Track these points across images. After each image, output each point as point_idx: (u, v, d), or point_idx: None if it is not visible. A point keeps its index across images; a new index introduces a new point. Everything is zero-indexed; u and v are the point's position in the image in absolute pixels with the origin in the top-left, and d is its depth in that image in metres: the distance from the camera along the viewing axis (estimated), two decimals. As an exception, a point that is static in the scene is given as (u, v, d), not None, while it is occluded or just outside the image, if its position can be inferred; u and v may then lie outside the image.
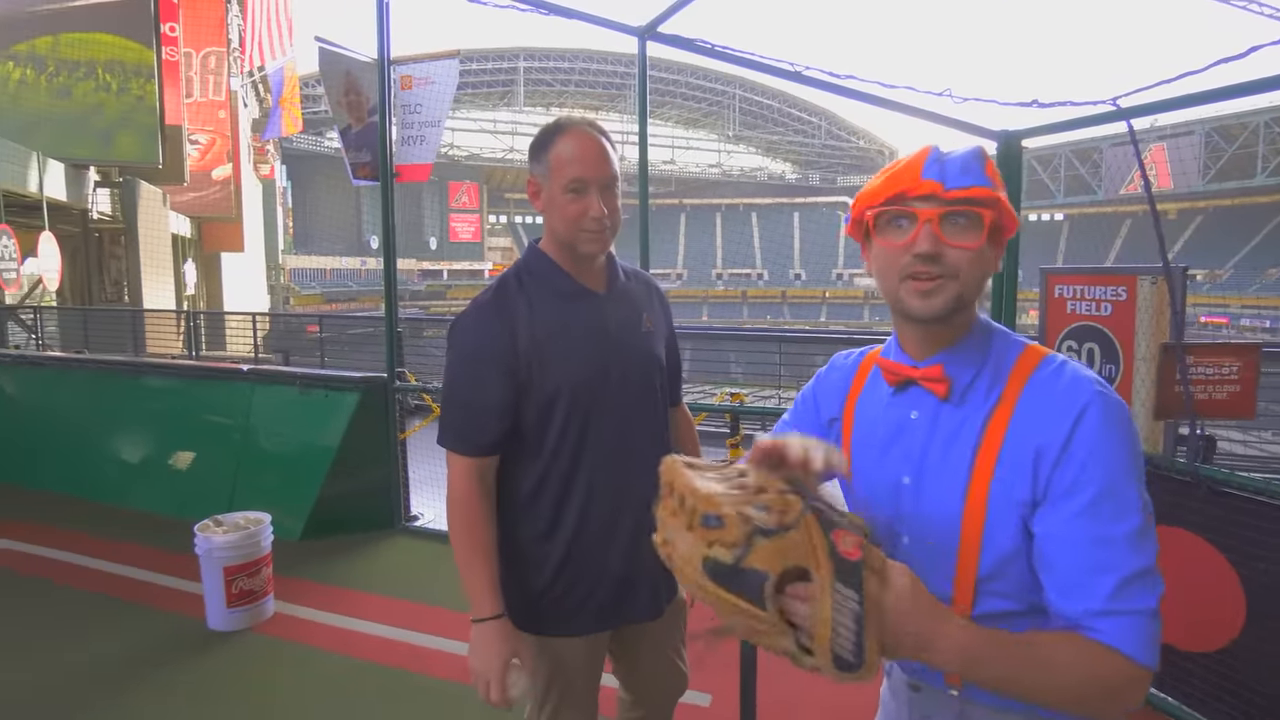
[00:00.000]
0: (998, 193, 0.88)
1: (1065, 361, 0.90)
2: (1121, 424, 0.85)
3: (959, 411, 0.92)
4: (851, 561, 0.68)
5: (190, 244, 21.06)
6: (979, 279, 0.89)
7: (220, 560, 3.09)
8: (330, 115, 6.33)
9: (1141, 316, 2.70)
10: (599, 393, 1.42)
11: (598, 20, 3.29)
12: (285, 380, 4.49)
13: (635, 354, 1.48)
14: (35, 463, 5.07)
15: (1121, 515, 0.82)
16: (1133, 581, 0.81)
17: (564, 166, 1.36)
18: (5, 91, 13.75)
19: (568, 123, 1.41)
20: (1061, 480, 0.84)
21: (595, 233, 1.39)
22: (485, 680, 1.33)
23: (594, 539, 1.44)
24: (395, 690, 2.74)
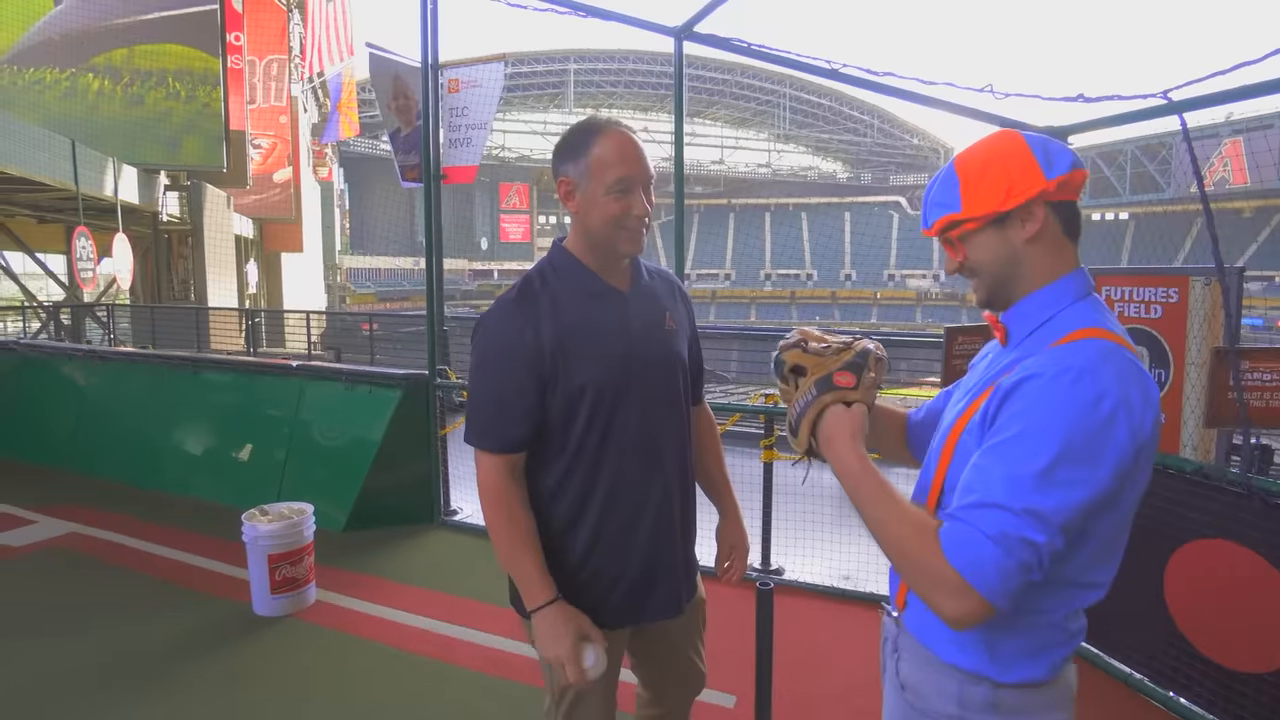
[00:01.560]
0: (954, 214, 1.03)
1: (1097, 345, 0.94)
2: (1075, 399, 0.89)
3: (1004, 356, 1.06)
4: (834, 384, 1.08)
5: (252, 245, 21.85)
6: (994, 267, 1.04)
7: (265, 548, 3.21)
8: (381, 119, 6.51)
9: (1194, 320, 2.59)
10: (622, 390, 1.42)
11: (634, 21, 3.30)
12: (332, 376, 4.63)
13: (658, 352, 1.49)
14: (101, 452, 5.34)
15: (1021, 461, 0.89)
16: (989, 507, 0.90)
17: (607, 167, 1.36)
18: (85, 101, 14.51)
19: (603, 123, 1.42)
20: (1000, 416, 0.95)
21: (635, 231, 1.41)
22: (560, 663, 1.34)
23: (617, 535, 1.45)
24: (428, 679, 2.80)
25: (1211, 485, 2.42)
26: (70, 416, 5.66)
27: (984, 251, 1.04)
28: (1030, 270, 1.03)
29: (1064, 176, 0.98)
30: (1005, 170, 0.99)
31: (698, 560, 1.66)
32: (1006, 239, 1.02)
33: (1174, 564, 2.55)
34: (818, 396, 1.07)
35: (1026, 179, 0.98)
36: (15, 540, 4.13)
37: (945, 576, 0.90)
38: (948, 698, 1.04)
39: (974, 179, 1.01)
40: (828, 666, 2.93)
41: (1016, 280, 1.04)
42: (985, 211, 1.00)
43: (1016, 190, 0.98)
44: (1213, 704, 2.45)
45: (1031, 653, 1.00)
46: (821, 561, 3.68)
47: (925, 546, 0.93)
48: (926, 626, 1.07)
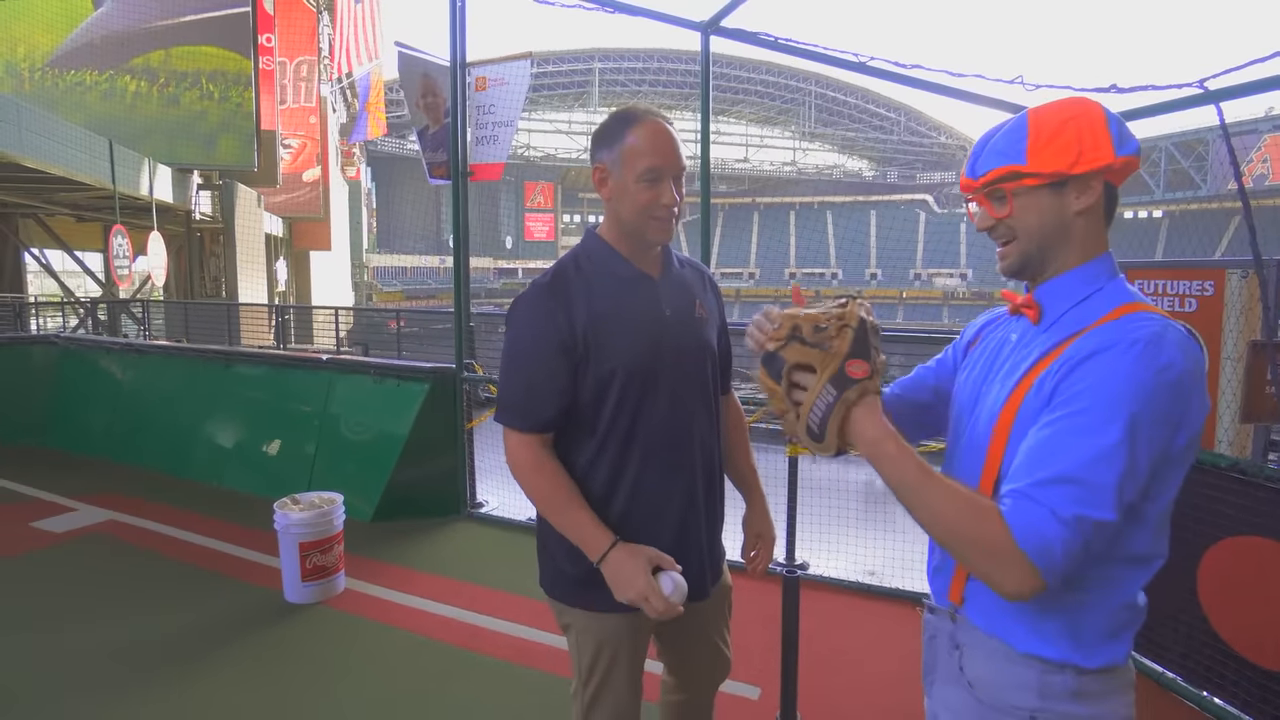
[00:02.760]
0: (1017, 165, 0.99)
1: (1153, 320, 0.92)
2: (1144, 368, 0.88)
3: (1041, 335, 1.03)
4: (850, 378, 0.98)
5: (282, 243, 22.20)
6: (1036, 232, 1.01)
7: (296, 536, 3.27)
8: (409, 118, 6.59)
9: (1230, 313, 2.55)
10: (652, 374, 1.44)
11: (661, 16, 3.32)
12: (361, 370, 4.70)
13: (688, 338, 1.50)
14: (138, 442, 5.47)
15: (1087, 433, 0.88)
16: (1062, 484, 0.87)
17: (638, 156, 1.38)
18: (123, 103, 14.85)
19: (640, 112, 1.43)
20: (1063, 391, 0.92)
21: (665, 220, 1.42)
22: (643, 598, 1.32)
23: (644, 518, 1.47)
24: (454, 666, 2.84)
25: (1247, 481, 2.37)
26: (108, 408, 5.81)
27: (1034, 213, 1.00)
28: (1072, 243, 1.01)
29: (1129, 158, 0.98)
30: (1080, 134, 0.96)
31: (724, 548, 1.67)
32: (1061, 205, 1.00)
33: (1207, 561, 2.50)
34: (841, 396, 0.98)
35: (1098, 149, 0.96)
36: (56, 527, 4.25)
37: (1009, 554, 0.88)
38: (1027, 690, 1.00)
39: (1047, 135, 0.97)
40: (852, 662, 2.92)
41: (1055, 251, 1.02)
42: (1051, 169, 0.97)
43: (1086, 157, 0.96)
44: (1248, 704, 2.40)
45: (1112, 635, 0.99)
46: (846, 557, 3.67)
47: (984, 524, 0.89)
48: (998, 617, 1.02)
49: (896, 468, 0.96)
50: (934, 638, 1.15)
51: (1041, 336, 1.03)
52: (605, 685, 1.52)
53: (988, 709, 1.04)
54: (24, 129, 11.82)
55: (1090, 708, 0.99)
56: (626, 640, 1.52)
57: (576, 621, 1.53)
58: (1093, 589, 0.97)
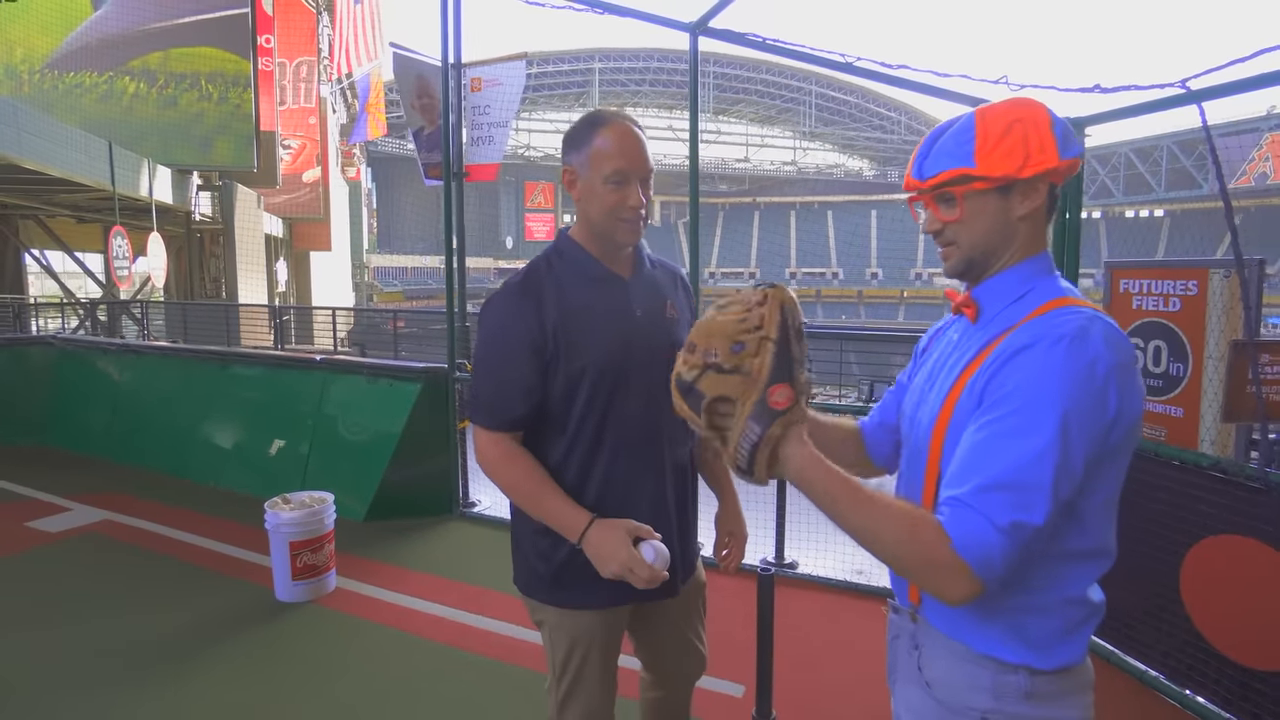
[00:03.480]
0: (967, 168, 0.98)
1: (1080, 313, 0.92)
2: (1071, 364, 0.88)
3: (977, 333, 1.03)
4: (773, 409, 0.92)
5: (282, 243, 22.23)
6: (981, 238, 1.01)
7: (287, 535, 3.29)
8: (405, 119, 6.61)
9: (1213, 312, 2.56)
10: (622, 373, 1.46)
11: (649, 17, 3.33)
12: (354, 370, 4.72)
13: (659, 338, 1.52)
14: (135, 442, 5.49)
15: (1019, 435, 0.87)
16: (997, 490, 0.87)
17: (605, 158, 1.41)
18: (121, 104, 14.88)
19: (608, 115, 1.45)
20: (992, 392, 0.92)
21: (632, 222, 1.44)
22: (626, 570, 1.33)
23: (614, 515, 1.48)
24: (443, 665, 2.86)
25: (1229, 480, 2.38)
26: (106, 408, 5.83)
27: (981, 217, 1.00)
28: (1014, 245, 1.01)
29: (1072, 161, 0.97)
30: (1026, 137, 0.96)
31: (699, 546, 1.69)
32: (1006, 208, 0.99)
33: (1190, 560, 2.51)
34: (765, 435, 0.93)
35: (1044, 152, 0.96)
36: (51, 527, 4.27)
37: (950, 564, 0.88)
38: (981, 690, 1.00)
39: (995, 137, 0.96)
40: (839, 660, 2.93)
41: (999, 253, 1.02)
42: (1000, 173, 0.96)
43: (1034, 160, 0.96)
44: (1229, 702, 2.41)
45: (1066, 634, 0.98)
46: (835, 556, 3.68)
47: (922, 537, 0.89)
48: (955, 619, 1.02)
49: (825, 493, 0.95)
50: (897, 638, 1.15)
51: (976, 335, 1.03)
52: (578, 681, 1.54)
53: (945, 710, 1.04)
54: (23, 131, 11.85)
55: (1044, 709, 0.99)
56: (599, 637, 1.53)
57: (549, 619, 1.55)
58: (1040, 589, 0.97)
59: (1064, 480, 0.88)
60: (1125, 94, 2.50)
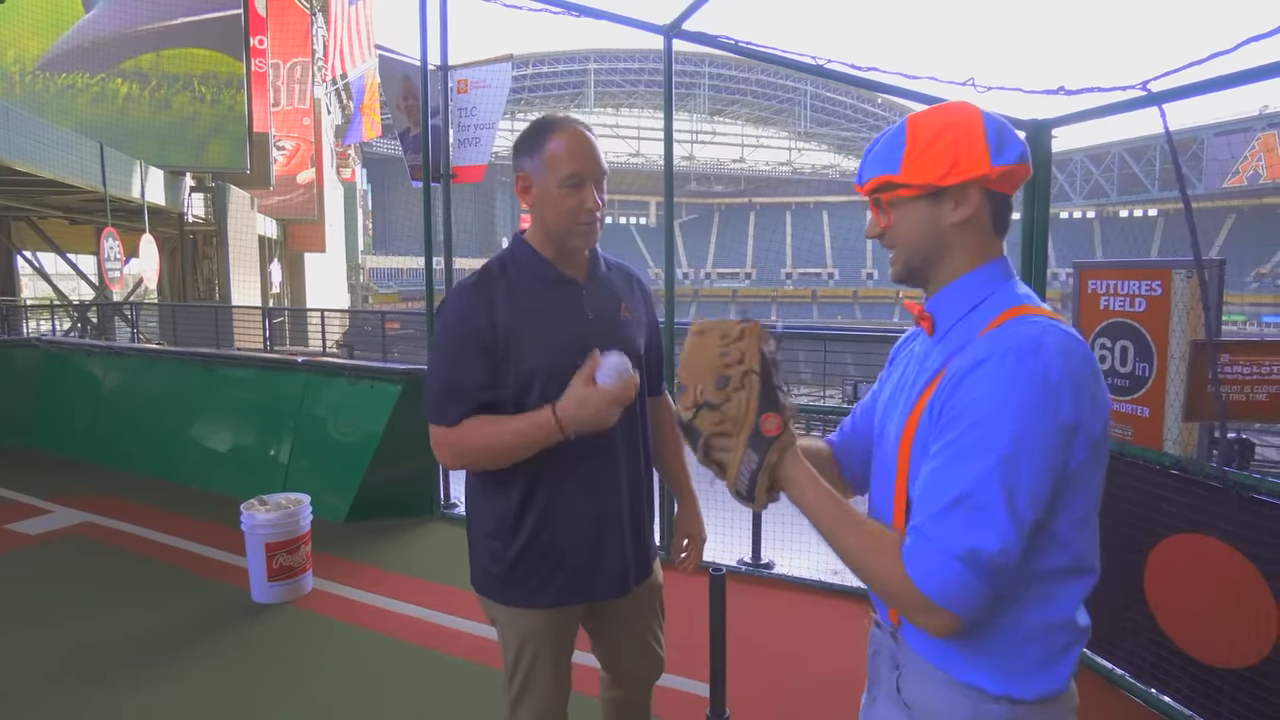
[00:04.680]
0: (891, 175, 0.98)
1: (1034, 322, 0.91)
2: (1022, 377, 0.85)
3: (937, 349, 1.01)
4: (767, 436, 0.97)
5: (276, 245, 22.21)
6: (912, 245, 1.01)
7: (262, 536, 3.30)
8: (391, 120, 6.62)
9: (1176, 312, 2.58)
10: (572, 375, 1.47)
11: (625, 20, 3.35)
12: (336, 371, 4.73)
13: (611, 340, 1.52)
14: (118, 444, 5.50)
15: (970, 458, 0.86)
16: (949, 516, 0.86)
17: (560, 162, 1.42)
18: (114, 106, 14.87)
19: (560, 120, 1.47)
20: (947, 412, 0.91)
21: (588, 224, 1.46)
22: (613, 404, 1.37)
23: (564, 516, 1.50)
24: (414, 665, 2.87)
25: (1189, 479, 2.40)
26: (89, 410, 5.83)
27: (910, 224, 0.99)
28: (955, 254, 0.99)
29: (1009, 167, 0.94)
30: (955, 144, 0.93)
31: (655, 547, 1.70)
32: (936, 215, 0.97)
33: (1154, 559, 2.53)
34: (763, 463, 0.97)
35: (972, 159, 0.93)
36: (31, 529, 4.27)
37: (915, 598, 0.87)
38: (960, 715, 0.97)
39: (922, 145, 0.95)
40: (804, 660, 2.95)
41: (937, 262, 1.01)
42: (922, 180, 0.95)
43: (960, 168, 0.93)
44: (1190, 699, 2.43)
45: (1049, 661, 0.95)
46: (811, 557, 3.70)
47: (890, 567, 0.89)
48: (935, 645, 0.99)
49: (816, 511, 0.97)
50: (877, 653, 1.13)
51: (936, 350, 1.01)
52: (530, 679, 1.56)
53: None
54: (14, 133, 11.84)
55: None
56: (548, 636, 1.55)
57: (500, 617, 1.57)
58: (1020, 613, 0.94)
59: (1021, 498, 0.85)
60: (1089, 96, 2.52)
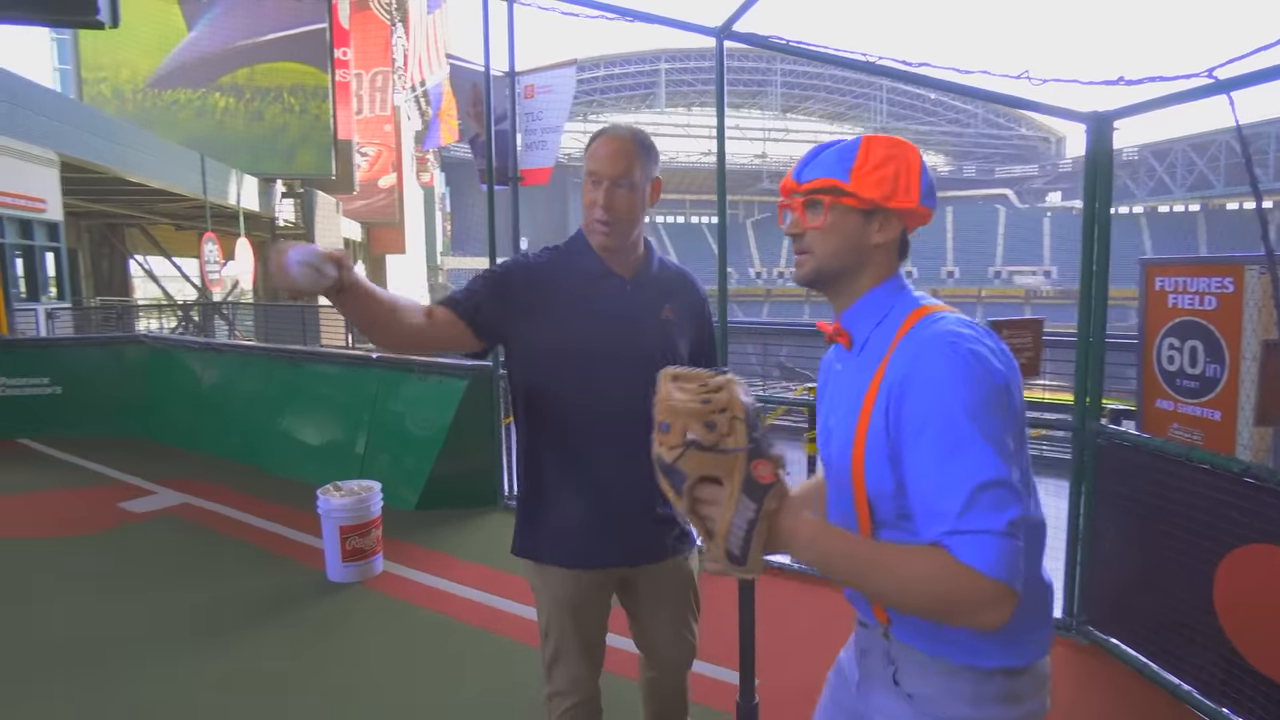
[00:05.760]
0: (838, 180, 1.04)
1: (941, 318, 1.00)
2: (958, 367, 0.93)
3: (860, 364, 1.07)
4: (761, 484, 0.90)
5: (360, 247, 23.24)
6: (833, 251, 1.07)
7: (337, 520, 3.52)
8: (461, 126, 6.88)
9: (1249, 311, 2.46)
10: (606, 364, 1.58)
11: (676, 23, 3.41)
12: (406, 368, 4.97)
13: (646, 336, 1.62)
14: (213, 433, 5.93)
15: (961, 444, 0.91)
16: (977, 503, 0.89)
17: (589, 160, 1.57)
18: (213, 119, 15.92)
19: (604, 129, 1.61)
20: (909, 420, 0.95)
21: (599, 223, 1.56)
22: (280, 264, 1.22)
23: (590, 489, 1.62)
24: (474, 646, 3.02)
25: (1261, 487, 2.29)
26: (189, 401, 6.30)
27: (841, 232, 1.06)
28: (868, 271, 1.08)
29: (926, 210, 1.06)
30: (899, 172, 1.03)
31: (689, 535, 1.75)
32: (865, 232, 1.06)
33: (1224, 570, 2.42)
34: (761, 510, 0.90)
35: (909, 192, 1.04)
36: (138, 508, 4.68)
37: (987, 592, 0.88)
38: (961, 699, 1.03)
39: (873, 163, 1.03)
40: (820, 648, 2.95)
41: (851, 275, 1.08)
42: (868, 195, 1.03)
43: (899, 195, 1.03)
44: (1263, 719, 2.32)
45: (1037, 621, 1.02)
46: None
47: (955, 574, 0.89)
48: (931, 635, 1.03)
49: (846, 556, 0.95)
50: (867, 652, 1.16)
51: (858, 363, 1.08)
52: (560, 644, 1.68)
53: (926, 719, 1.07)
54: (128, 147, 12.84)
55: (1018, 708, 1.03)
56: (571, 598, 1.66)
57: (534, 580, 1.71)
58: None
59: (1010, 465, 0.92)
60: (1150, 86, 2.44)
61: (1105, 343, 2.85)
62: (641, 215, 1.62)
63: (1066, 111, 2.71)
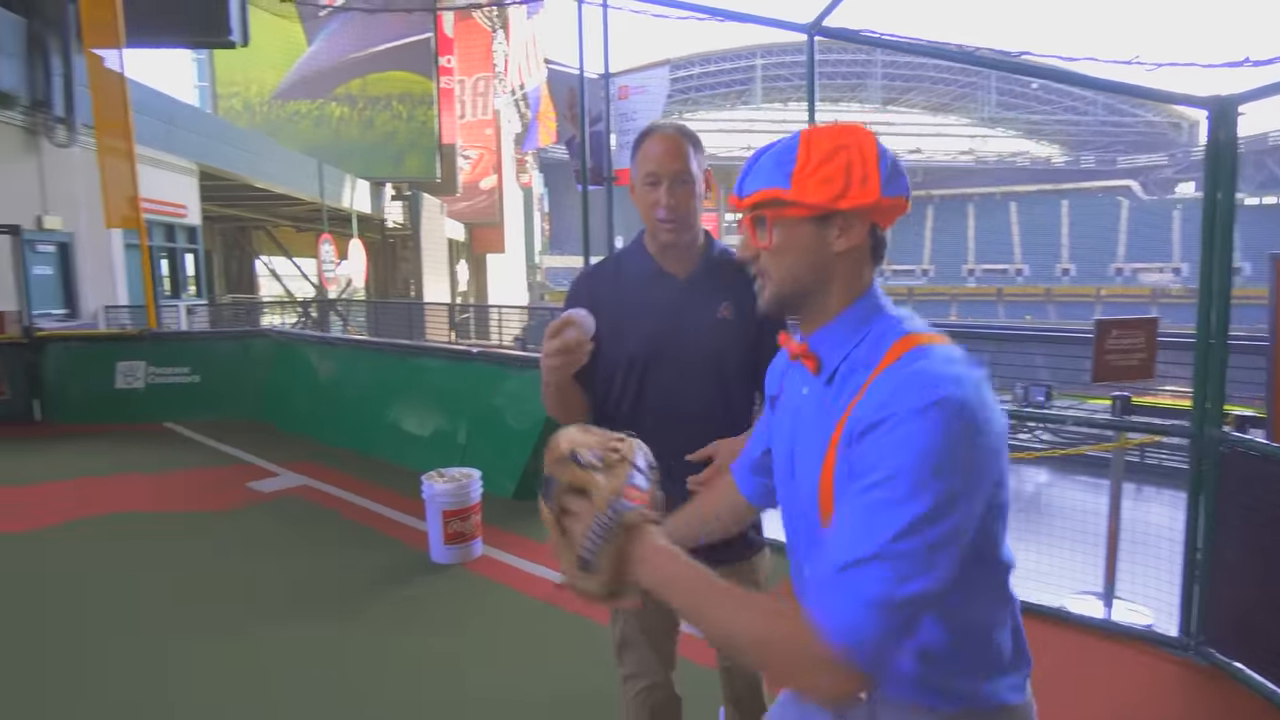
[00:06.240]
0: (779, 189, 0.90)
1: (930, 354, 0.86)
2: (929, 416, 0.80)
3: (831, 393, 0.93)
4: (624, 501, 0.89)
5: (462, 247, 24.20)
6: (790, 271, 0.93)
7: (440, 504, 3.74)
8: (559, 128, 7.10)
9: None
10: (655, 365, 1.63)
11: (767, 21, 3.42)
12: (503, 362, 5.19)
13: (699, 336, 1.63)
14: (328, 420, 6.38)
15: (892, 507, 0.79)
16: (869, 564, 0.78)
17: (643, 162, 1.60)
18: (330, 128, 16.99)
19: (654, 126, 1.63)
20: (858, 461, 0.84)
21: (664, 222, 1.60)
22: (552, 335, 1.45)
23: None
24: (566, 630, 3.15)
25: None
26: (308, 391, 6.80)
27: (794, 249, 0.92)
28: (835, 287, 0.93)
29: (895, 200, 0.89)
30: (849, 166, 0.88)
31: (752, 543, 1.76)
32: (823, 242, 0.91)
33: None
34: (620, 519, 0.88)
35: (866, 186, 0.88)
36: (265, 487, 5.11)
37: (820, 655, 0.78)
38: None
39: (815, 162, 0.88)
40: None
41: (816, 294, 0.94)
42: (814, 200, 0.88)
43: (853, 193, 0.88)
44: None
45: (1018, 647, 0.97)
46: (1047, 579, 3.54)
47: (789, 628, 0.80)
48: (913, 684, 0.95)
49: (687, 581, 0.87)
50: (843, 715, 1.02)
51: (829, 393, 0.94)
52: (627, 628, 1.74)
53: None
54: (256, 155, 13.91)
55: None
56: None
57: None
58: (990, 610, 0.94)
59: (946, 534, 0.80)
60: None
61: (1228, 344, 2.67)
62: (700, 208, 1.64)
63: (1184, 97, 2.55)
